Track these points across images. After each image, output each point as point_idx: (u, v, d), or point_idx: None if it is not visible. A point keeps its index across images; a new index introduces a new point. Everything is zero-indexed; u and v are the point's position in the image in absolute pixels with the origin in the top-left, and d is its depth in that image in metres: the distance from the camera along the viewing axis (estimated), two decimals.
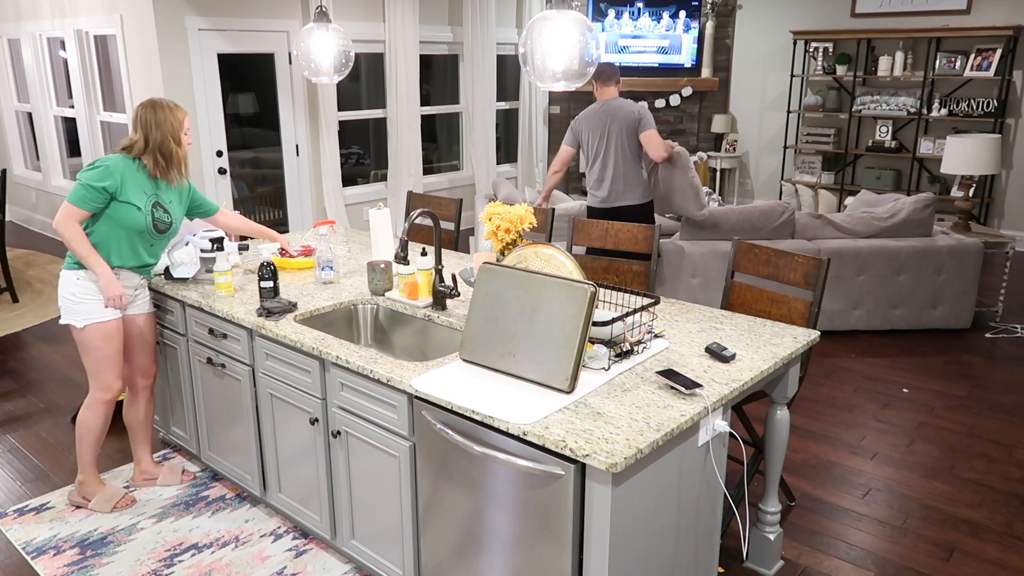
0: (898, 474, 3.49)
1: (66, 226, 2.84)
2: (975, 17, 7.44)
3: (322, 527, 2.83)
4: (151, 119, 2.90)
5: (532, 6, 8.55)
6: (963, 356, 4.83)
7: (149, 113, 2.91)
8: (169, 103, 2.96)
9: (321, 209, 7.10)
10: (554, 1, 2.50)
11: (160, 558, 2.91)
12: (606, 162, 4.51)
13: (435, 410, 2.23)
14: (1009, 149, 7.47)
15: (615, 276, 3.55)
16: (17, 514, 3.21)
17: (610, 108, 4.49)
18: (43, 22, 7.18)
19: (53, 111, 7.63)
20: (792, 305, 2.92)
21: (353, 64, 3.88)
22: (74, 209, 2.83)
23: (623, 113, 4.46)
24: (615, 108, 4.48)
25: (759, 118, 9.08)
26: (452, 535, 2.31)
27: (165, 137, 2.92)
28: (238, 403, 3.05)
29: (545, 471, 1.96)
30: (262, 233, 3.44)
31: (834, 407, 4.15)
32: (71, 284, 2.94)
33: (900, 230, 5.06)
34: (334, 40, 3.79)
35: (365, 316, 3.06)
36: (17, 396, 4.33)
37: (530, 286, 2.25)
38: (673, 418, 2.02)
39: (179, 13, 5.84)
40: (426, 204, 4.27)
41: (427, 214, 2.81)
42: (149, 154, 2.92)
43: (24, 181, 8.47)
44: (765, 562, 2.83)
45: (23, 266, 6.86)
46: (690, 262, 4.93)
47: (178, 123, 2.95)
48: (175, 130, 2.93)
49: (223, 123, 6.27)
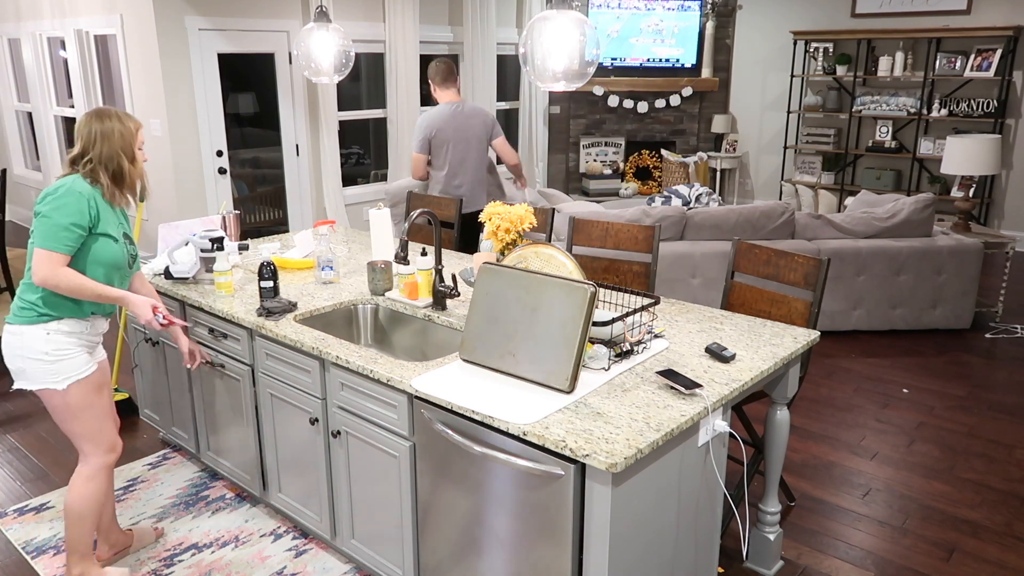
0: (898, 474, 3.49)
1: (56, 273, 2.35)
2: (975, 17, 7.44)
3: (322, 527, 2.83)
4: (96, 129, 2.46)
5: (532, 6, 8.55)
6: (963, 356, 4.83)
7: (95, 123, 2.47)
8: (119, 112, 2.53)
9: (321, 209, 7.10)
10: (554, 1, 2.50)
11: (160, 558, 2.91)
12: (465, 167, 4.57)
13: (435, 410, 2.23)
14: (1009, 149, 7.47)
15: (615, 276, 3.55)
16: (17, 514, 3.21)
17: (466, 111, 4.57)
18: (43, 22, 7.18)
19: (53, 111, 7.63)
20: (792, 305, 2.92)
21: (353, 64, 3.88)
22: (53, 255, 2.35)
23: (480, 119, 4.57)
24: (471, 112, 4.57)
25: (759, 118, 9.08)
26: (452, 535, 2.31)
27: (114, 151, 2.46)
28: (238, 403, 3.05)
29: (545, 471, 1.96)
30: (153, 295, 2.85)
31: (834, 407, 4.15)
32: (39, 342, 2.42)
33: (900, 230, 5.06)
34: (334, 40, 3.79)
35: (365, 316, 3.06)
36: (17, 396, 4.33)
37: (530, 286, 2.25)
38: (673, 418, 2.02)
39: (179, 13, 5.84)
40: (426, 204, 4.27)
41: (427, 214, 2.81)
42: (95, 173, 2.45)
43: (24, 181, 8.47)
44: (765, 562, 2.83)
45: (23, 266, 6.85)
46: (690, 262, 4.93)
47: (130, 134, 2.50)
48: (126, 143, 2.49)
49: (223, 123, 6.27)
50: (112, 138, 2.46)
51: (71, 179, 2.44)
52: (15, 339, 2.45)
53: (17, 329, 2.45)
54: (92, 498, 2.59)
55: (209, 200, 6.23)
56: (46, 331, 2.44)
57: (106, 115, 2.49)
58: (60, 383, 2.47)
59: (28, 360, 2.45)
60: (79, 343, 2.51)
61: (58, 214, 2.35)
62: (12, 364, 2.49)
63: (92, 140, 2.45)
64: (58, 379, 2.46)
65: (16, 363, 2.48)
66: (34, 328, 2.43)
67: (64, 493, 3.31)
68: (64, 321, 2.46)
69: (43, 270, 2.35)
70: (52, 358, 2.45)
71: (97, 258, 2.46)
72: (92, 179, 2.46)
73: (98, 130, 2.45)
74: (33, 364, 2.45)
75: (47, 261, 2.35)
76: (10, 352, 2.48)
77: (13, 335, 2.46)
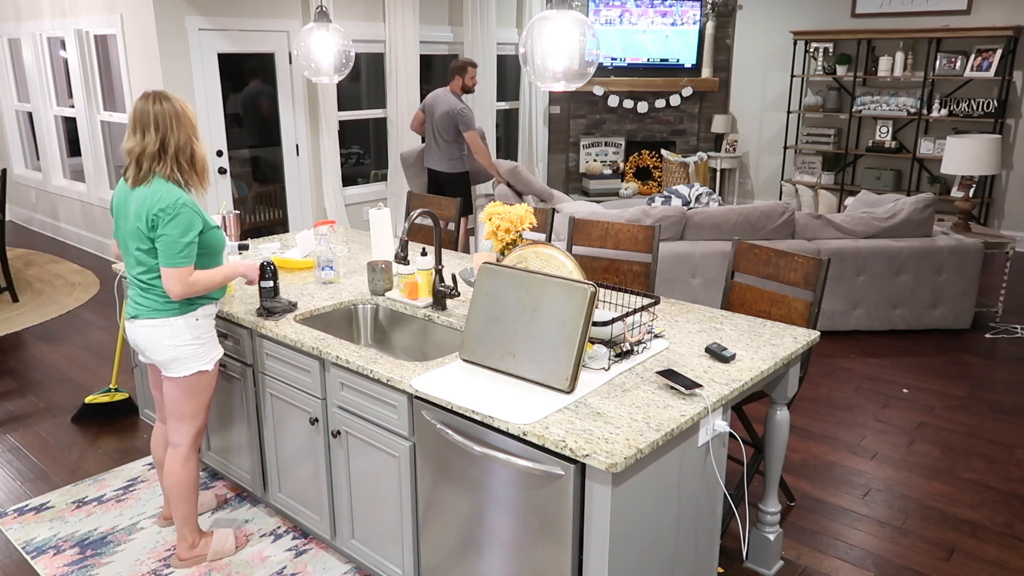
0: (898, 474, 3.49)
1: (192, 286, 2.49)
2: (975, 17, 7.44)
3: (322, 527, 2.83)
4: (168, 110, 2.44)
5: (532, 6, 8.55)
6: (963, 356, 4.83)
7: (165, 104, 2.44)
8: (170, 93, 2.50)
9: (321, 209, 7.10)
10: (554, 1, 2.50)
11: (160, 558, 2.91)
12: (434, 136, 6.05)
13: (435, 410, 2.23)
14: (1009, 149, 7.47)
15: (615, 276, 3.55)
16: (17, 514, 3.21)
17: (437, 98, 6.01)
18: (43, 22, 7.18)
19: (53, 111, 7.63)
20: (792, 305, 2.92)
21: (353, 64, 3.88)
22: (183, 270, 2.46)
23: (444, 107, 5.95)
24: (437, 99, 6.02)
25: (759, 118, 9.08)
26: (452, 535, 2.31)
27: (188, 137, 2.49)
28: (238, 403, 3.05)
29: (545, 471, 1.96)
30: None
31: (834, 407, 4.15)
32: (190, 328, 2.58)
33: (900, 230, 5.06)
34: (334, 40, 3.79)
35: (365, 316, 3.06)
36: (17, 396, 4.33)
37: (530, 286, 2.25)
38: (673, 418, 2.02)
39: (179, 13, 5.84)
40: (426, 204, 4.27)
41: (427, 214, 2.81)
42: (167, 162, 2.47)
43: (24, 181, 8.47)
44: (765, 562, 2.83)
45: (23, 266, 6.86)
46: (690, 262, 4.93)
47: (192, 115, 2.52)
48: (192, 125, 2.51)
49: (223, 123, 6.27)
50: (183, 120, 2.48)
51: (167, 191, 2.45)
52: (164, 331, 2.56)
53: (164, 322, 2.56)
54: (193, 477, 2.78)
55: (209, 200, 6.23)
56: (196, 318, 2.60)
57: (164, 97, 2.47)
58: (209, 363, 2.66)
59: (180, 348, 2.59)
60: (213, 326, 2.71)
61: (176, 231, 2.44)
62: (161, 356, 2.60)
63: (169, 125, 2.45)
64: (207, 361, 2.66)
65: (167, 354, 2.59)
66: (183, 318, 2.58)
67: (64, 493, 3.33)
68: (204, 307, 2.63)
69: (177, 287, 2.47)
70: (202, 341, 2.63)
71: (213, 249, 2.60)
72: (177, 176, 2.50)
73: (170, 111, 2.45)
74: (187, 351, 2.60)
75: (177, 277, 2.47)
76: (158, 344, 2.58)
77: (160, 327, 2.57)
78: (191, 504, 2.81)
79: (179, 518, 2.82)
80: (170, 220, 2.42)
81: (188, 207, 2.46)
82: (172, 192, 2.46)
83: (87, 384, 4.45)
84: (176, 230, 2.43)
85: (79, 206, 7.49)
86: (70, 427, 3.95)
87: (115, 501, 3.29)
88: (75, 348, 5.00)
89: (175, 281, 2.46)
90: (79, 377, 4.55)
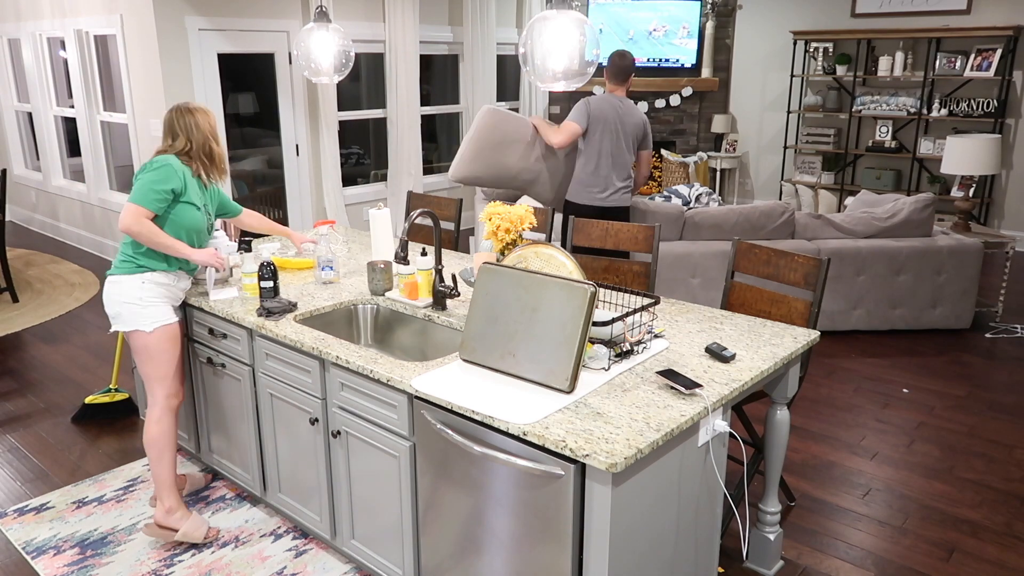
0: (898, 474, 3.49)
1: (139, 223, 2.76)
2: (975, 17, 7.44)
3: (322, 527, 2.83)
4: (191, 121, 2.93)
5: (532, 6, 8.55)
6: (963, 356, 4.83)
7: (188, 116, 2.94)
8: (199, 106, 3.00)
9: (321, 209, 7.11)
10: (554, 1, 2.50)
11: (160, 558, 2.91)
12: (617, 160, 4.45)
13: (435, 410, 2.23)
14: (1009, 149, 7.47)
15: (615, 276, 3.55)
16: (17, 514, 3.21)
17: (625, 108, 4.44)
18: (43, 22, 7.18)
19: (53, 111, 7.63)
20: (792, 305, 2.92)
21: (353, 64, 3.88)
22: (141, 209, 2.76)
23: (635, 120, 4.45)
24: (628, 110, 4.45)
25: (759, 118, 9.08)
26: (452, 535, 2.31)
27: (206, 137, 2.95)
28: (238, 403, 3.05)
29: (545, 471, 1.96)
30: (281, 231, 3.46)
31: (834, 407, 4.15)
32: (135, 289, 2.84)
33: (900, 230, 5.06)
34: (334, 40, 3.79)
35: (365, 316, 3.06)
36: (17, 396, 4.33)
37: (530, 286, 2.25)
38: (673, 418, 2.02)
39: (179, 13, 5.84)
40: (426, 204, 4.27)
41: (427, 214, 2.81)
42: (193, 157, 2.93)
43: (24, 181, 8.47)
44: (765, 562, 2.83)
45: (23, 266, 6.86)
46: (690, 262, 4.93)
47: (213, 121, 3.01)
48: (213, 129, 2.99)
49: (223, 123, 6.27)
50: (203, 127, 2.94)
51: (169, 156, 2.88)
52: (115, 287, 2.86)
53: (117, 279, 2.86)
54: (166, 435, 2.94)
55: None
56: (141, 280, 2.85)
57: (187, 110, 2.95)
58: (148, 326, 2.85)
59: (124, 304, 2.84)
60: (166, 294, 2.92)
61: (149, 179, 2.79)
62: (111, 309, 2.88)
63: (191, 131, 2.92)
64: (147, 322, 2.85)
65: (114, 308, 2.87)
66: (132, 277, 2.85)
67: (64, 493, 3.33)
68: (156, 273, 2.88)
69: (128, 219, 2.75)
70: (144, 304, 2.85)
71: (180, 222, 2.88)
72: (199, 168, 2.95)
73: (192, 122, 2.93)
74: (128, 308, 2.84)
75: (134, 212, 2.76)
76: (109, 299, 2.88)
77: (113, 284, 2.87)
78: (165, 465, 2.94)
79: (156, 480, 2.95)
80: (152, 170, 2.81)
81: (172, 167, 2.83)
82: (171, 158, 2.86)
83: (87, 384, 4.45)
84: (153, 176, 2.79)
85: (79, 206, 7.49)
86: (70, 427, 3.95)
87: (115, 501, 3.29)
88: (75, 348, 5.00)
89: (129, 213, 2.75)
90: (79, 377, 4.55)
